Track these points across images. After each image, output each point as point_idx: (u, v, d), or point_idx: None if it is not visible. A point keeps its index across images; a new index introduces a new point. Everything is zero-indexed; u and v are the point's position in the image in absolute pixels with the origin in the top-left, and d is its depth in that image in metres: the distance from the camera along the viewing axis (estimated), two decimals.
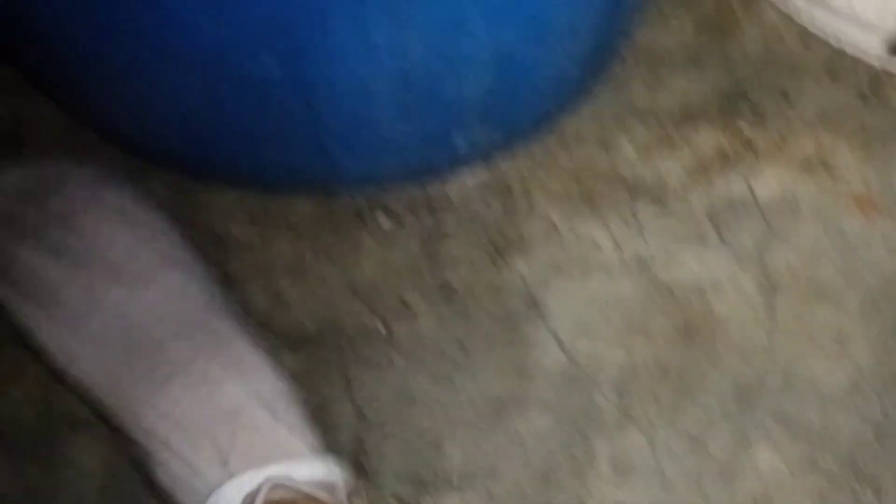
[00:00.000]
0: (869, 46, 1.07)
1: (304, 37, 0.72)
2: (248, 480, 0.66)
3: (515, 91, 0.86)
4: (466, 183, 0.97)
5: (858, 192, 0.96)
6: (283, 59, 0.73)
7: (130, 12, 0.71)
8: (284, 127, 0.81)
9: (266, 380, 0.72)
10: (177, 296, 0.75)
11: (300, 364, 0.86)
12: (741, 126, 1.02)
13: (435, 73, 0.78)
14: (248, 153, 0.85)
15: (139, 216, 0.78)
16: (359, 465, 0.81)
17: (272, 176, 0.90)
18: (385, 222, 0.95)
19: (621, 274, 0.92)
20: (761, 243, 0.94)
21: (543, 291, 0.91)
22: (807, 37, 1.10)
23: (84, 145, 0.92)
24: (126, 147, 0.93)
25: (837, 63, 1.07)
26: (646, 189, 0.98)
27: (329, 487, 0.69)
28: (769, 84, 1.05)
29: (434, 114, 0.83)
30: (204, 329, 0.73)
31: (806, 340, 0.87)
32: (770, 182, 0.98)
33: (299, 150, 0.84)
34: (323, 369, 0.86)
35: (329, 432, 0.82)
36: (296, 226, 0.94)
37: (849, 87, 1.05)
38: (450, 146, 0.89)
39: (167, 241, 0.78)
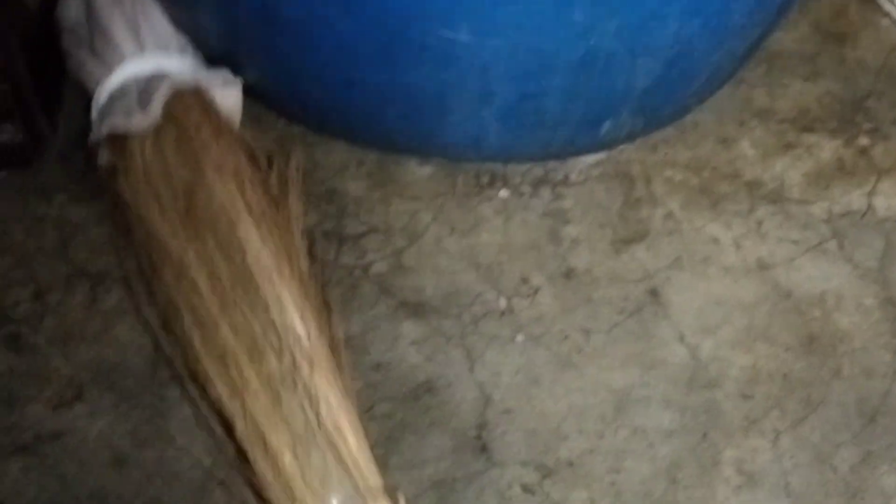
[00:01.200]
0: None
1: (507, 6, 0.69)
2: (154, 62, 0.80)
3: (675, 83, 0.84)
4: (586, 165, 0.94)
5: None
6: (481, 27, 0.70)
7: None
8: (448, 89, 0.77)
9: None
10: None
11: (420, 331, 0.83)
12: (860, 138, 1.01)
13: (617, 59, 0.76)
14: (391, 111, 0.82)
15: None
16: (483, 447, 0.77)
17: (403, 137, 0.86)
18: (504, 195, 0.91)
19: (742, 274, 0.90)
20: (882, 259, 0.92)
21: (665, 284, 0.88)
22: None
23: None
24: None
25: None
26: (765, 190, 0.96)
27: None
28: (888, 98, 1.04)
29: (597, 99, 0.81)
30: None
31: None
32: (890, 198, 0.96)
33: (451, 115, 0.80)
34: (443, 341, 0.82)
35: (451, 409, 0.79)
36: (414, 189, 0.90)
37: None
38: (595, 131, 0.86)
39: None
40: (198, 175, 0.74)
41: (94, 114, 0.80)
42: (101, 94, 0.80)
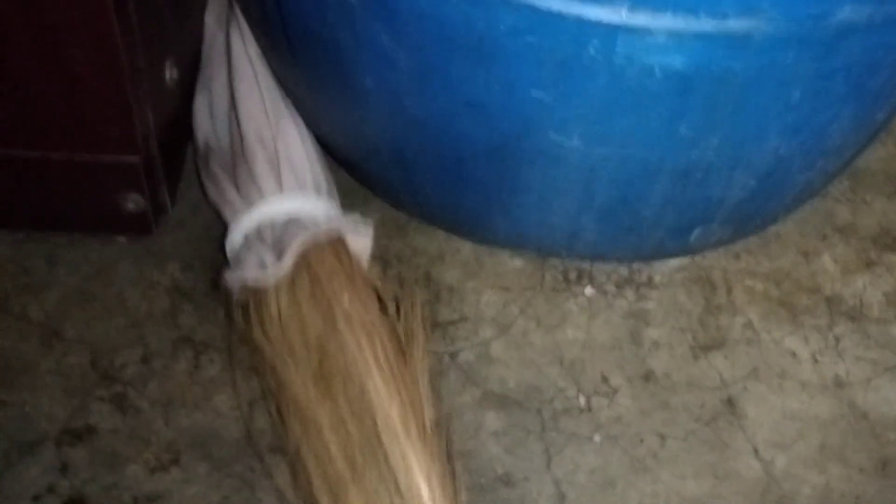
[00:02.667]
0: None
1: (620, 119, 0.72)
2: (291, 203, 0.81)
3: (767, 197, 0.87)
4: (670, 268, 0.97)
5: None
6: (591, 134, 0.73)
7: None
8: (551, 193, 0.81)
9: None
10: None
11: (501, 423, 0.85)
12: None
13: (715, 171, 0.79)
14: (496, 206, 0.85)
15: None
16: None
17: (502, 231, 0.90)
18: (590, 293, 0.94)
19: (819, 391, 0.91)
20: None
21: (741, 395, 0.90)
22: None
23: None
24: (353, 168, 0.93)
25: None
26: (845, 308, 0.97)
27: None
28: None
29: (692, 208, 0.84)
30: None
31: None
32: None
33: (552, 214, 0.84)
34: (523, 434, 0.85)
35: (527, 503, 0.81)
36: (505, 280, 0.93)
37: None
38: (685, 237, 0.89)
39: None
40: (330, 327, 0.75)
41: (229, 253, 0.82)
42: (237, 234, 0.81)
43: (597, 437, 0.86)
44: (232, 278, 0.80)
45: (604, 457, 0.85)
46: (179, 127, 0.92)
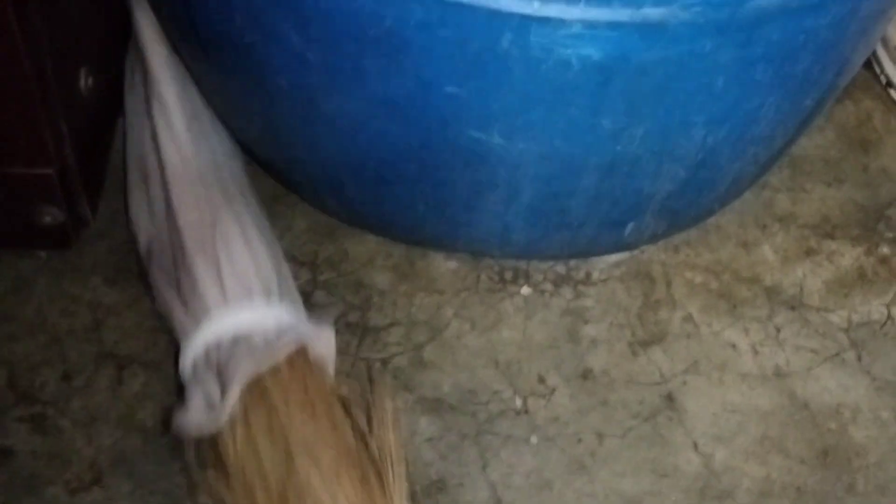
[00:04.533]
0: None
1: (539, 112, 0.70)
2: (237, 317, 0.73)
3: (699, 188, 0.86)
4: (608, 264, 0.96)
5: None
6: (510, 129, 0.72)
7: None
8: (475, 191, 0.79)
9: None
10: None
11: (435, 427, 0.84)
12: (881, 246, 1.02)
13: (643, 164, 0.77)
14: (421, 206, 0.83)
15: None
16: None
17: (431, 232, 0.88)
18: (526, 292, 0.93)
19: (759, 382, 0.90)
20: None
21: (681, 389, 0.89)
22: None
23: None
24: (277, 173, 0.91)
25: None
26: (785, 297, 0.96)
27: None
28: None
29: (622, 201, 0.82)
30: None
31: None
32: None
33: (479, 212, 0.82)
34: (457, 439, 0.83)
35: None
36: (438, 283, 0.92)
37: None
38: (618, 232, 0.87)
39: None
40: (289, 465, 0.67)
41: (184, 382, 0.75)
42: (186, 360, 0.74)
43: (533, 439, 0.84)
44: (181, 422, 0.72)
45: (541, 458, 0.83)
46: (98, 136, 0.89)
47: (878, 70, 1.17)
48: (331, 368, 0.77)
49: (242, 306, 0.74)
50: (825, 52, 0.77)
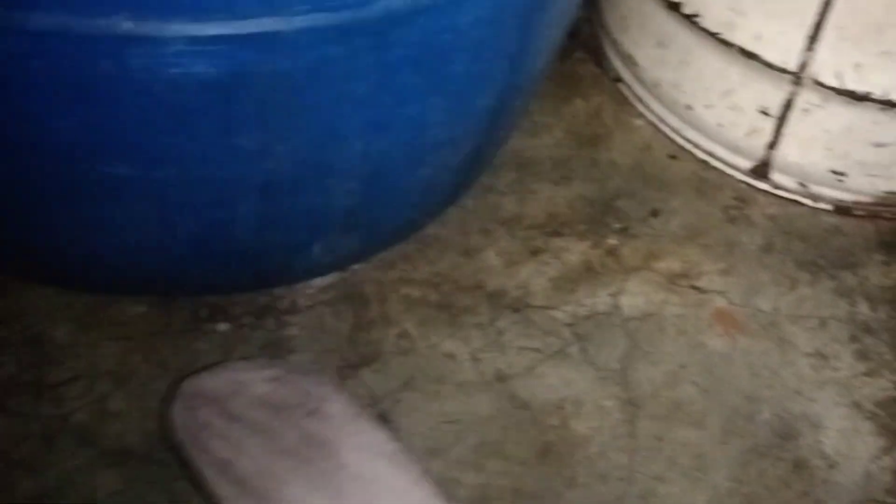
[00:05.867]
0: (736, 166, 1.07)
1: (165, 138, 0.67)
2: None
3: (383, 201, 0.82)
4: (316, 288, 0.91)
5: (721, 309, 0.93)
6: (140, 159, 0.68)
7: None
8: (133, 227, 0.75)
9: None
10: None
11: (120, 479, 0.77)
12: (609, 238, 1.00)
13: (304, 180, 0.74)
14: (85, 252, 0.79)
15: (403, 462, 0.76)
16: None
17: (107, 277, 0.83)
18: (224, 328, 0.88)
19: (478, 389, 0.87)
20: (624, 360, 0.90)
21: (394, 408, 0.84)
22: (677, 153, 1.09)
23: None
24: None
25: (705, 180, 1.07)
26: (508, 300, 0.93)
27: None
28: (638, 198, 1.04)
29: (295, 223, 0.79)
30: None
31: (665, 461, 0.83)
32: (635, 297, 0.95)
33: (141, 251, 0.77)
34: (146, 487, 0.77)
35: None
36: (126, 329, 0.86)
37: (715, 204, 1.05)
38: (305, 255, 0.84)
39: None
40: None
41: None
42: None
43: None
44: None
45: None
46: None
47: (606, 66, 1.17)
48: None
49: None
50: (480, 50, 0.75)
